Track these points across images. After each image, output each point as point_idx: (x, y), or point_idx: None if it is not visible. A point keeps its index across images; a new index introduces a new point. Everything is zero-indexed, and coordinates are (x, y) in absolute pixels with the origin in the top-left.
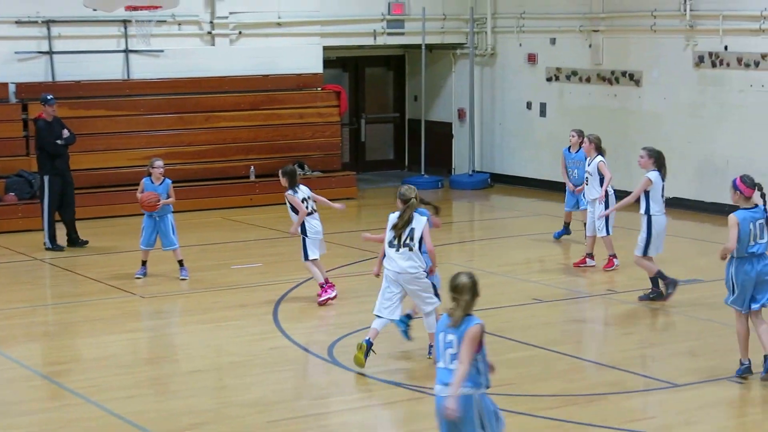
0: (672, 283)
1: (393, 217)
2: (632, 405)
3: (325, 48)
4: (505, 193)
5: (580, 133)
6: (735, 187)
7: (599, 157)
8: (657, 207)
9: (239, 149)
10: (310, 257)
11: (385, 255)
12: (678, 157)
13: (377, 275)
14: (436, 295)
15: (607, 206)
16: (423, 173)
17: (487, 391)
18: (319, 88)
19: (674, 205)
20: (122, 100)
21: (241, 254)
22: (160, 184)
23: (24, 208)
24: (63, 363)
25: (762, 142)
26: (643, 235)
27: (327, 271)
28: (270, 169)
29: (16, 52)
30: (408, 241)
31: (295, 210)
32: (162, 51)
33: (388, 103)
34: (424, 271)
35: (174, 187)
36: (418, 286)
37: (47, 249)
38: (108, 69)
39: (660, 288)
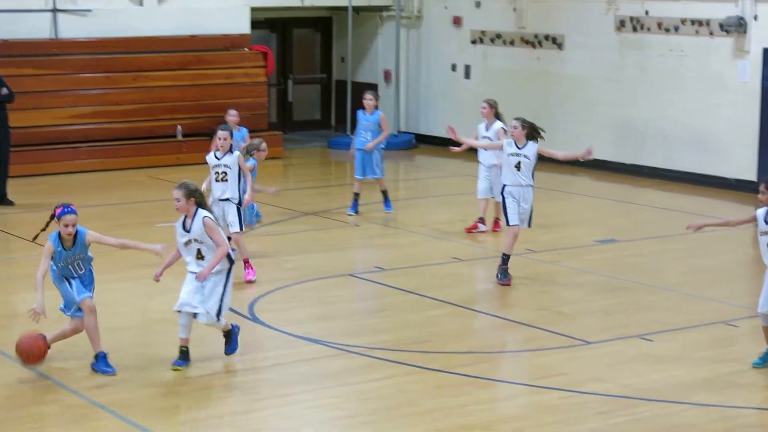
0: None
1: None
2: (545, 362)
3: (252, 9)
4: (430, 153)
5: (376, 96)
6: None
7: (499, 123)
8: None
9: (166, 109)
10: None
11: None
12: (599, 120)
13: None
14: None
15: None
16: (349, 133)
17: (402, 348)
18: (246, 49)
19: (594, 166)
20: (50, 59)
21: (166, 212)
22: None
23: None
24: None
25: (681, 105)
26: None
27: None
28: (197, 128)
29: None
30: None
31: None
32: (90, 10)
33: (315, 64)
34: None
35: (102, 146)
36: None
37: None
38: (36, 28)
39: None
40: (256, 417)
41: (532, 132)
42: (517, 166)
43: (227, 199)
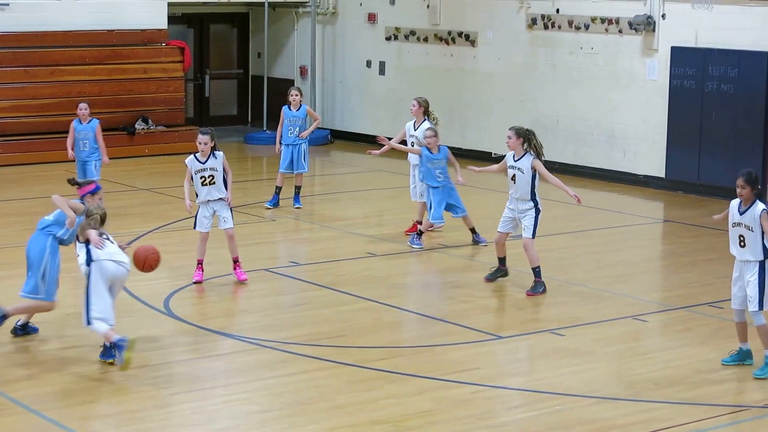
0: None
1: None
2: (458, 356)
3: (169, 4)
4: (345, 149)
5: (301, 92)
6: None
7: (427, 123)
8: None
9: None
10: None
11: None
12: (511, 116)
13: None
14: None
15: None
16: (265, 129)
17: (317, 343)
18: (164, 44)
19: None
20: None
21: None
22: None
23: None
24: None
25: (591, 102)
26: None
27: (157, 228)
28: (114, 123)
29: None
30: None
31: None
32: (7, 4)
33: (232, 59)
34: None
35: (19, 140)
36: None
37: None
38: None
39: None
40: (170, 411)
41: (529, 142)
42: (513, 179)
43: (218, 199)
